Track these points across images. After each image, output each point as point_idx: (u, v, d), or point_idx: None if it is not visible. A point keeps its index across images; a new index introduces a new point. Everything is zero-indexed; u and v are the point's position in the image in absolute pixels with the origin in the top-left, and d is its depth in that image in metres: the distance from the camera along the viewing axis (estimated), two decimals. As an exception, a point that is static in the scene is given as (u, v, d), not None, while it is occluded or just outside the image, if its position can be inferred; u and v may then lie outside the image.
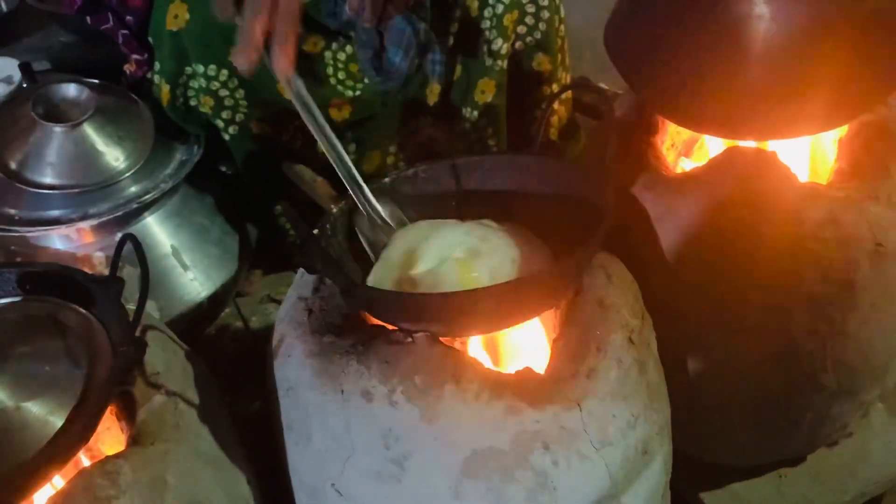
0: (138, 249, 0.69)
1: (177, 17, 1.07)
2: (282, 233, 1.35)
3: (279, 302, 1.39)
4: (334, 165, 0.79)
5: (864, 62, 0.78)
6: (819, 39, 0.77)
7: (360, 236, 0.82)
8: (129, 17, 1.18)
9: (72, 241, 1.14)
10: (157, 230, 1.19)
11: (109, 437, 0.73)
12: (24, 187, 1.11)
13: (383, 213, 0.82)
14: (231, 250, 1.27)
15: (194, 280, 1.21)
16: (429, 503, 0.70)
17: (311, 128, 0.77)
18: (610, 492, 0.72)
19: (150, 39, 1.14)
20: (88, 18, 1.19)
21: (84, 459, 0.71)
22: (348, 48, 1.15)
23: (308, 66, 1.13)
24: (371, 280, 0.78)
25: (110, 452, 0.69)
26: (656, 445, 0.78)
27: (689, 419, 0.93)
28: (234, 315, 1.41)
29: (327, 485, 0.74)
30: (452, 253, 0.74)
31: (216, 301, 1.25)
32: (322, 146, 0.78)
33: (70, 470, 0.65)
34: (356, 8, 0.97)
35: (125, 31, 1.18)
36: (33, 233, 1.10)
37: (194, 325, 1.24)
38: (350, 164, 0.79)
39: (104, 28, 1.18)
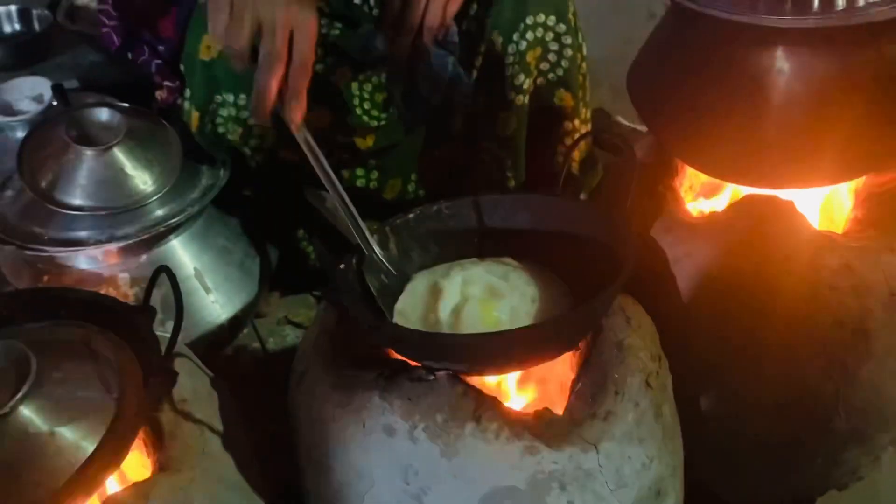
0: (173, 281, 0.71)
1: (209, 47, 1.10)
2: (302, 256, 1.37)
3: (296, 324, 1.41)
4: (341, 211, 0.82)
5: (880, 118, 0.80)
6: (837, 95, 0.79)
7: (368, 282, 0.83)
8: (161, 47, 1.21)
9: (98, 261, 1.16)
10: (182, 253, 1.21)
11: (135, 463, 0.75)
12: (53, 208, 1.13)
13: (387, 263, 0.84)
14: (252, 273, 1.29)
15: (216, 302, 1.23)
16: (446, 538, 0.72)
17: (318, 173, 0.81)
18: (624, 532, 0.73)
19: (182, 67, 1.17)
20: (130, 54, 1.22)
21: (112, 485, 0.72)
22: (374, 79, 1.18)
23: (335, 98, 1.15)
24: (398, 308, 0.80)
25: (136, 478, 0.71)
26: (669, 487, 0.80)
27: (703, 454, 0.94)
28: (252, 336, 1.42)
29: (346, 516, 0.76)
30: (474, 291, 0.76)
31: (236, 323, 1.27)
32: (330, 192, 0.82)
33: (99, 496, 0.67)
34: (389, 44, 1.00)
35: (158, 61, 1.21)
36: (61, 253, 1.12)
37: (213, 347, 1.26)
38: (355, 212, 0.82)
39: (141, 60, 1.21)
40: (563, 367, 0.86)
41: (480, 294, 0.77)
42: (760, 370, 0.90)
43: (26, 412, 0.66)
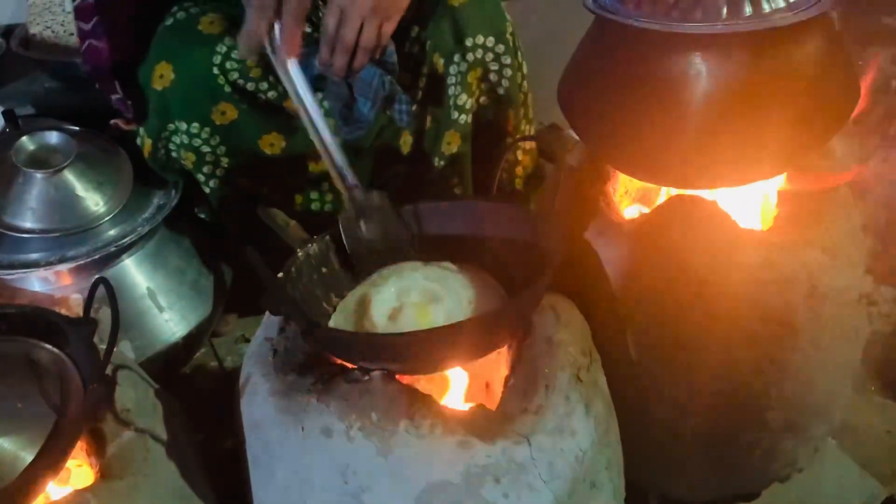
0: (110, 292, 0.73)
1: (162, 76, 1.12)
2: (256, 276, 1.39)
3: (253, 342, 1.42)
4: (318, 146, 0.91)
5: (791, 118, 0.84)
6: (749, 97, 0.82)
7: (345, 240, 0.89)
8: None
9: (50, 283, 1.17)
10: (134, 272, 1.23)
11: (80, 474, 0.76)
12: (3, 231, 1.15)
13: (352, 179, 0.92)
14: (206, 292, 1.31)
15: (169, 321, 1.24)
16: (385, 536, 0.73)
17: (297, 105, 0.90)
18: (560, 523, 0.75)
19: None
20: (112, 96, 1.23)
21: (55, 494, 0.73)
22: (325, 103, 1.21)
23: (287, 123, 1.18)
24: (332, 322, 0.82)
25: (79, 486, 0.72)
26: (604, 479, 0.82)
27: (646, 454, 0.97)
28: (210, 355, 1.43)
29: (290, 519, 0.77)
30: (411, 297, 0.79)
31: (191, 341, 1.28)
32: (307, 126, 0.90)
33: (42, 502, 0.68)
34: (326, 62, 1.03)
35: (117, 97, 1.22)
36: (12, 275, 1.14)
37: (170, 365, 1.27)
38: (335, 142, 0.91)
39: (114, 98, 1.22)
40: (497, 367, 0.89)
41: (417, 299, 0.80)
42: (693, 366, 0.92)
43: (-35, 424, 0.67)
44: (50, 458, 0.67)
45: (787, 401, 0.94)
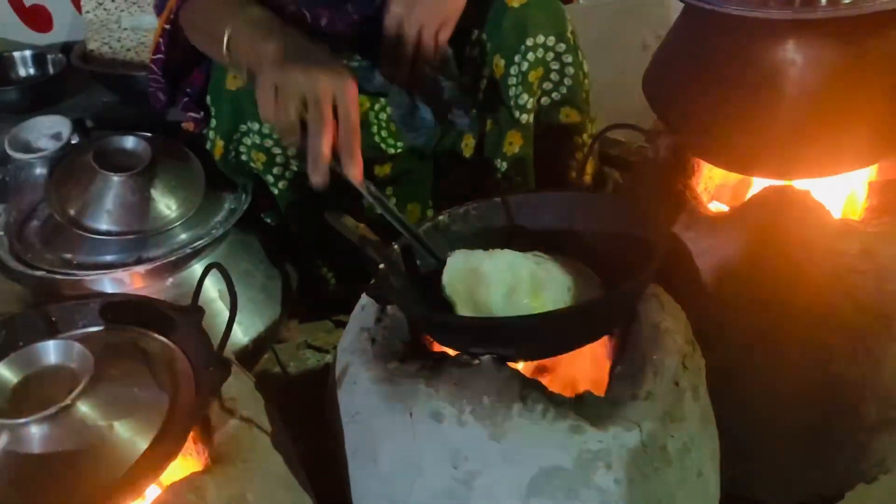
0: (226, 276, 0.73)
1: (236, 77, 1.14)
2: (321, 282, 1.39)
3: (316, 348, 1.42)
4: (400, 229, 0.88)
5: (888, 106, 0.84)
6: (847, 84, 0.83)
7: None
8: (188, 90, 1.25)
9: (125, 284, 1.17)
10: (209, 278, 1.23)
11: (187, 460, 0.76)
12: (81, 233, 1.16)
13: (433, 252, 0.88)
14: (274, 295, 1.31)
15: (240, 324, 1.24)
16: (496, 522, 0.73)
17: (383, 213, 0.87)
18: (669, 512, 0.75)
19: (209, 98, 1.20)
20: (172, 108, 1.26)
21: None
22: (389, 108, 1.22)
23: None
24: (444, 288, 0.82)
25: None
26: (710, 470, 0.81)
27: (731, 452, 0.96)
28: (273, 362, 1.43)
29: (393, 508, 0.77)
30: (522, 277, 0.78)
31: (259, 345, 1.28)
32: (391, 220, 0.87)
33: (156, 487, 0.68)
34: (388, 72, 1.05)
35: (186, 99, 1.25)
36: (88, 276, 1.14)
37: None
38: (405, 220, 0.88)
39: (181, 107, 1.25)
40: (583, 363, 0.89)
41: (529, 281, 0.79)
42: (787, 359, 0.92)
43: (85, 407, 0.67)
44: (167, 443, 0.67)
45: (881, 394, 0.93)
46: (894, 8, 0.77)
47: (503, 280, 0.78)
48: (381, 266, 0.82)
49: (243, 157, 1.23)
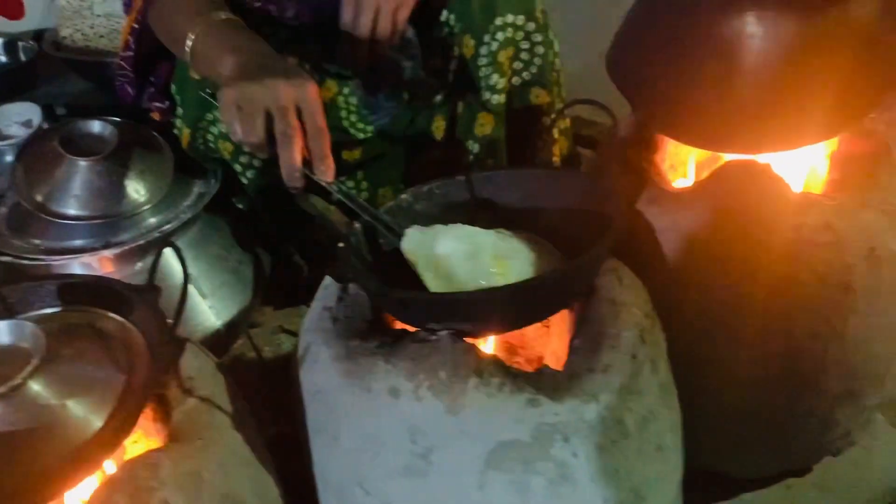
0: (179, 255, 0.73)
1: None
2: (296, 268, 1.39)
3: (292, 332, 1.42)
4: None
5: (849, 78, 0.84)
6: (807, 57, 0.83)
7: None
8: (152, 79, 1.24)
9: (93, 269, 1.17)
10: (176, 260, 1.22)
11: (145, 438, 0.76)
12: (49, 218, 1.15)
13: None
14: (246, 279, 1.31)
15: (212, 307, 1.24)
16: (454, 496, 0.73)
17: (357, 210, 0.87)
18: (627, 484, 0.75)
19: (174, 86, 1.19)
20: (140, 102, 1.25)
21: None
22: (359, 92, 1.21)
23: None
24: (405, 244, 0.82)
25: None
26: (669, 442, 0.81)
27: (698, 429, 0.96)
28: (247, 346, 1.43)
29: (354, 484, 0.77)
30: (480, 247, 0.78)
31: (232, 328, 1.28)
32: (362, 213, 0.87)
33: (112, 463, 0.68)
34: (346, 54, 1.04)
35: (151, 90, 1.24)
36: (57, 261, 1.14)
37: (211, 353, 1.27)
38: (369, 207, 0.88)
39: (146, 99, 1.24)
40: (548, 341, 0.88)
41: (489, 248, 0.79)
42: (748, 332, 0.92)
43: (37, 386, 0.67)
44: (121, 421, 0.67)
45: (842, 366, 0.93)
46: (849, -21, 0.77)
47: (464, 248, 0.78)
48: (341, 245, 0.82)
49: (211, 145, 1.22)
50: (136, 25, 1.12)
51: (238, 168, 1.23)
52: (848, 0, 0.82)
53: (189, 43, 0.95)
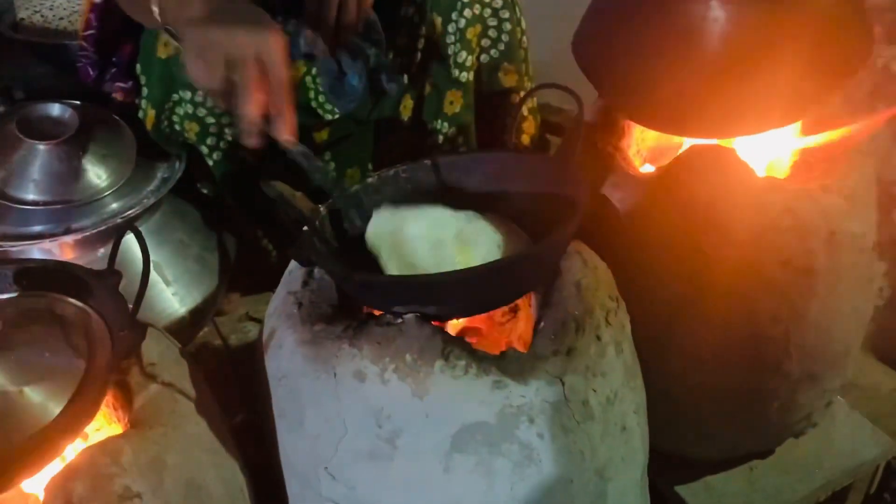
0: (140, 239, 0.72)
1: (166, 44, 1.11)
2: (264, 253, 1.38)
3: (258, 320, 1.41)
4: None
5: (810, 63, 0.85)
6: (768, 41, 0.84)
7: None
8: (114, 59, 1.22)
9: (54, 255, 1.15)
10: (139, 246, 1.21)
11: (106, 424, 0.75)
12: (6, 203, 1.13)
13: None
14: (211, 266, 1.29)
15: (175, 294, 1.23)
16: (420, 479, 0.73)
17: (312, 172, 0.86)
18: (592, 465, 0.75)
19: (139, 66, 1.17)
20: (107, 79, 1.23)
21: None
22: (316, 78, 1.20)
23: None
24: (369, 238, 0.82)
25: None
26: (634, 424, 0.82)
27: (662, 413, 0.97)
28: (213, 334, 1.42)
29: (320, 469, 0.76)
30: (447, 233, 0.78)
31: (197, 316, 1.27)
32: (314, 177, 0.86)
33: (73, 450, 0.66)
34: (311, 40, 1.03)
35: (113, 70, 1.22)
36: (16, 247, 1.11)
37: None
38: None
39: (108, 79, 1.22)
40: (515, 326, 0.89)
41: (453, 236, 0.79)
42: (712, 316, 0.93)
43: (-7, 373, 0.66)
44: (81, 407, 0.66)
45: (804, 349, 0.95)
46: (810, -36, 0.78)
47: (428, 235, 0.78)
48: (305, 228, 0.81)
49: (176, 127, 1.21)
50: (97, 1, 1.09)
51: (204, 150, 1.21)
52: (809, -15, 0.83)
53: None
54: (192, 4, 0.86)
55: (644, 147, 1.07)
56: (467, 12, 1.16)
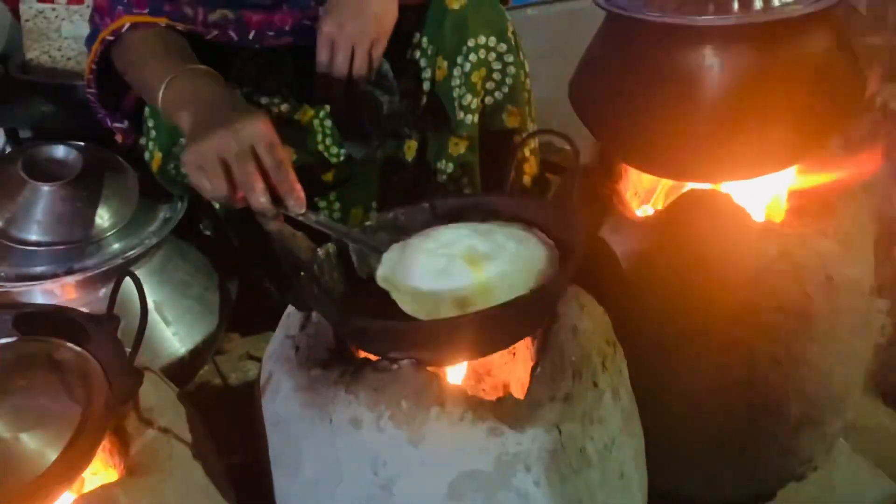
0: (138, 285, 0.72)
1: None
2: (265, 293, 1.38)
3: (258, 359, 1.41)
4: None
5: (805, 109, 0.86)
6: (764, 88, 0.84)
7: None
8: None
9: (56, 296, 1.16)
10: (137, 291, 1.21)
11: (103, 471, 0.75)
12: (10, 244, 1.14)
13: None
14: (211, 306, 1.30)
15: (176, 334, 1.23)
16: (416, 527, 0.72)
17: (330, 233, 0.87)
18: (590, 513, 0.75)
19: (147, 110, 1.19)
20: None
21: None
22: (329, 123, 1.22)
23: (299, 136, 1.19)
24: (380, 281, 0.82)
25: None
26: (632, 470, 0.82)
27: (662, 454, 0.97)
28: (213, 373, 1.42)
29: (316, 515, 0.76)
30: (455, 252, 0.78)
31: (196, 356, 1.27)
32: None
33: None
34: (324, 93, 1.05)
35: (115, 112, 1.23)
36: (18, 288, 1.12)
37: (175, 381, 1.25)
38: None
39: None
40: (514, 367, 0.88)
41: (464, 253, 0.79)
42: (710, 360, 0.93)
43: (-11, 419, 0.66)
44: (77, 454, 0.66)
45: (804, 393, 0.95)
46: (801, 15, 0.79)
47: (436, 258, 0.78)
48: (302, 274, 0.82)
49: (182, 170, 1.22)
50: (93, 66, 1.11)
51: None
52: (802, 33, 0.84)
53: (160, 97, 0.95)
54: (182, 119, 0.91)
55: (641, 189, 1.07)
56: (472, 57, 1.18)
